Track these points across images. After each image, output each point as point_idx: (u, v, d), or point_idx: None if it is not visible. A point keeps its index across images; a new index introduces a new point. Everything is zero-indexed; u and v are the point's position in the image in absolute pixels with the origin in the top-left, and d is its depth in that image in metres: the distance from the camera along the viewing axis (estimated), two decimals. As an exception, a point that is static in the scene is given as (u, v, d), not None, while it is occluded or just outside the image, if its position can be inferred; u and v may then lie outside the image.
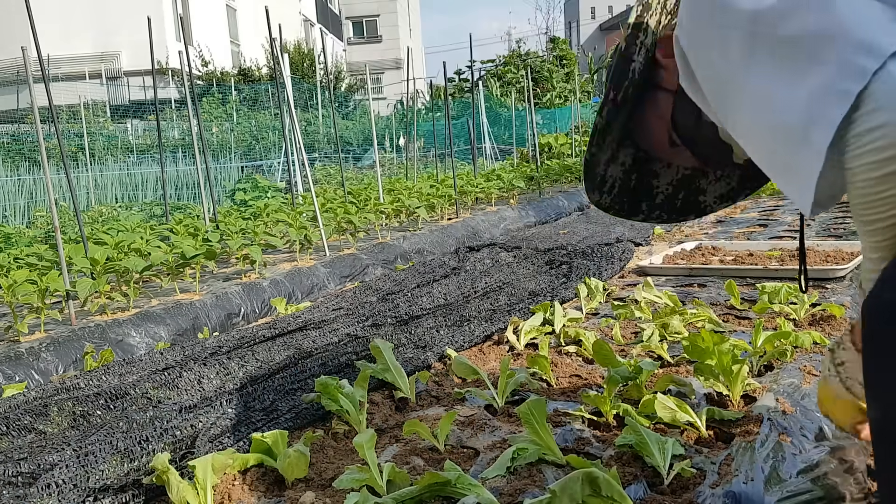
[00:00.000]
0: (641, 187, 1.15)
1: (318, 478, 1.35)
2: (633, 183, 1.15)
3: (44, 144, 3.74)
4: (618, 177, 1.12)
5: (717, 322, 2.14)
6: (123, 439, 1.42)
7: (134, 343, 3.03)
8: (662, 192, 1.18)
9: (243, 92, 16.60)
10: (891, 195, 0.71)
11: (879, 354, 0.72)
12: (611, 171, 1.11)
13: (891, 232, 0.74)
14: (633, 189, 1.15)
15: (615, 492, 1.12)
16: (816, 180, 0.74)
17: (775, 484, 1.19)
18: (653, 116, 1.07)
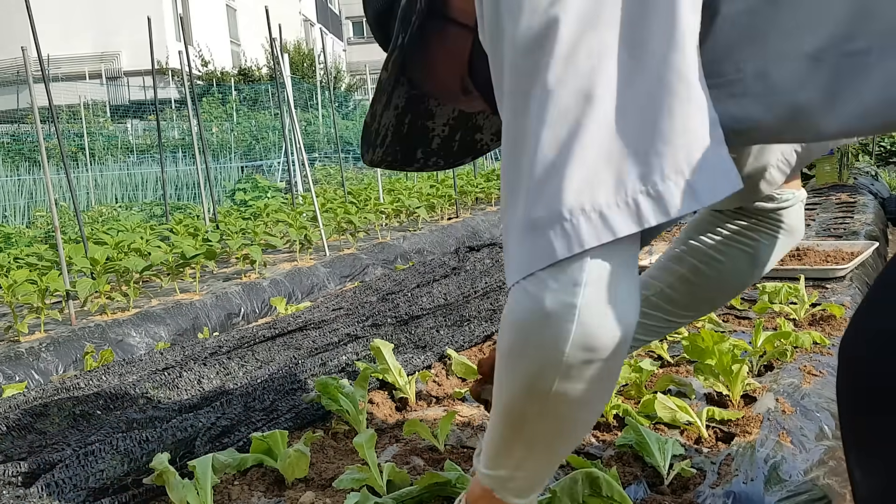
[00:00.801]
0: (415, 132, 0.98)
1: (318, 478, 1.35)
2: (406, 128, 0.96)
3: (44, 144, 3.74)
4: (390, 123, 0.94)
5: (716, 322, 2.14)
6: (123, 439, 1.42)
7: (134, 343, 3.03)
8: (438, 134, 1.01)
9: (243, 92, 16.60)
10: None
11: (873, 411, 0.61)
12: (384, 119, 0.92)
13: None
14: (405, 135, 0.97)
15: (615, 492, 1.12)
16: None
17: (775, 484, 1.19)
18: (440, 56, 0.86)
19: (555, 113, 0.62)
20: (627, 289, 0.65)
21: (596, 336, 0.63)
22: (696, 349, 1.56)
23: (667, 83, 0.61)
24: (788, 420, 1.40)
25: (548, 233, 0.62)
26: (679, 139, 0.60)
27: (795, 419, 1.41)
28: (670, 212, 0.60)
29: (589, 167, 0.61)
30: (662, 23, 0.62)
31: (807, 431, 1.37)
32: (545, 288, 0.64)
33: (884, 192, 6.00)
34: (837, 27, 0.62)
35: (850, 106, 0.63)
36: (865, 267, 2.81)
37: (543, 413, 0.69)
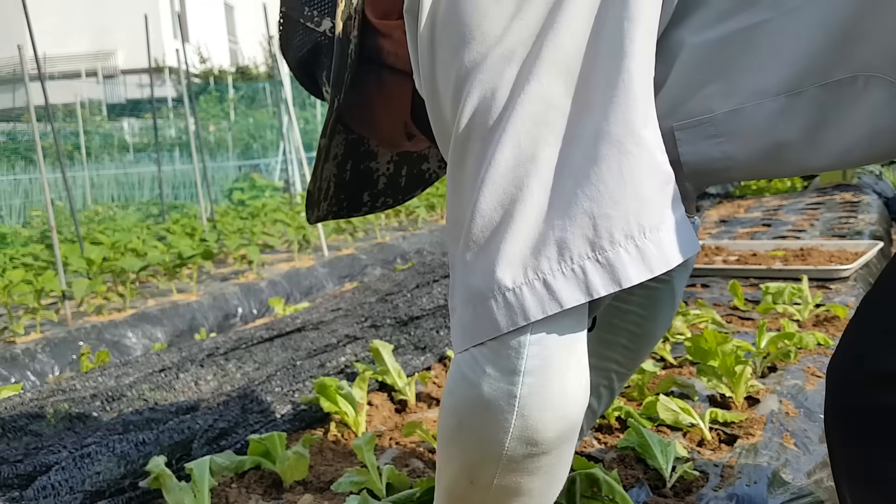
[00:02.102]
0: (359, 176, 0.92)
1: (317, 480, 1.33)
2: (349, 174, 0.90)
3: (40, 143, 3.72)
4: (332, 174, 0.87)
5: (720, 323, 2.12)
6: (120, 442, 1.40)
7: (130, 344, 3.01)
8: (383, 173, 0.94)
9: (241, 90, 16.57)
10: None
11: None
12: (325, 173, 0.86)
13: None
14: (349, 181, 0.91)
15: (617, 494, 1.11)
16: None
17: (779, 487, 1.18)
18: (380, 105, 0.80)
19: (496, 171, 0.57)
20: (575, 372, 0.59)
21: (538, 430, 0.57)
22: (699, 350, 1.55)
23: (615, 139, 0.55)
24: (792, 422, 1.39)
25: (489, 302, 0.57)
26: (628, 200, 0.55)
27: (799, 421, 1.40)
28: (622, 281, 0.55)
29: (532, 232, 0.56)
30: (610, 70, 0.56)
31: (810, 433, 1.36)
32: (482, 373, 0.58)
33: (888, 191, 6.01)
34: (816, 58, 0.57)
35: (834, 139, 0.59)
36: (869, 267, 2.81)
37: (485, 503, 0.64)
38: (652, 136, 0.57)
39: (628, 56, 0.56)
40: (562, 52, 0.57)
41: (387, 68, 0.77)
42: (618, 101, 0.55)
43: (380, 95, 0.79)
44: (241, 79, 19.26)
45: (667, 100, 0.61)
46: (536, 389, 0.57)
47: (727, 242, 3.65)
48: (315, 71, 0.81)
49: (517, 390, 0.57)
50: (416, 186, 0.99)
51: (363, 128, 0.85)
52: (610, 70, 0.56)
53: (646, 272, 0.55)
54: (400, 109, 0.80)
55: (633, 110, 0.56)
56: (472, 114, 0.59)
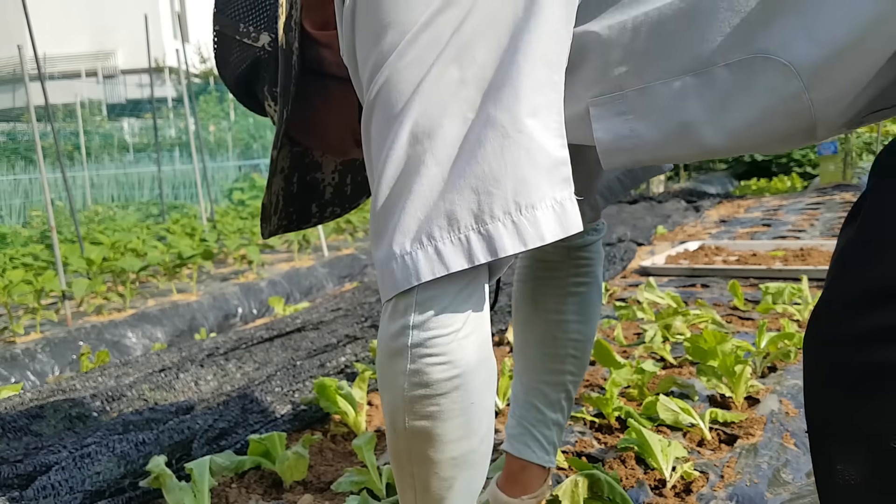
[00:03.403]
0: (305, 188, 0.95)
1: (317, 480, 1.33)
2: (296, 187, 0.93)
3: (40, 143, 3.72)
4: (279, 188, 0.90)
5: (720, 323, 2.12)
6: (120, 442, 1.40)
7: (130, 344, 3.01)
8: (329, 183, 0.98)
9: (241, 91, 16.52)
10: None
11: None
12: (274, 187, 0.89)
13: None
14: (296, 194, 0.94)
15: (617, 494, 1.11)
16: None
17: (778, 486, 1.18)
18: (326, 115, 0.83)
19: (398, 147, 0.64)
20: (463, 325, 0.65)
21: (426, 373, 0.65)
22: (698, 350, 1.55)
23: (498, 123, 0.61)
24: (792, 422, 1.39)
25: (391, 264, 0.64)
26: (508, 180, 0.61)
27: (799, 421, 1.40)
28: (498, 251, 0.61)
29: (426, 202, 0.63)
30: (503, 62, 0.62)
31: (810, 433, 1.36)
32: (386, 326, 0.66)
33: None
34: (718, 40, 0.61)
35: (733, 120, 0.63)
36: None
37: (409, 453, 0.70)
38: (537, 123, 0.63)
39: (521, 51, 0.62)
40: (462, 40, 0.63)
41: (330, 77, 0.81)
42: (507, 90, 0.62)
43: (326, 105, 0.83)
44: (240, 79, 19.21)
45: (584, 81, 0.67)
46: (422, 341, 0.64)
47: (727, 242, 3.65)
48: (255, 86, 0.85)
49: (408, 340, 0.65)
50: (362, 193, 1.03)
51: (310, 138, 0.88)
52: (504, 62, 0.62)
53: (520, 244, 0.62)
54: (347, 117, 0.83)
55: (520, 100, 0.62)
56: (380, 92, 0.65)
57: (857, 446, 0.59)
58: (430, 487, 0.72)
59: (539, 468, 1.07)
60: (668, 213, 5.47)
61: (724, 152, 0.67)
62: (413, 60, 0.63)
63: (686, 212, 5.74)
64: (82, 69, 17.85)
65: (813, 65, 0.59)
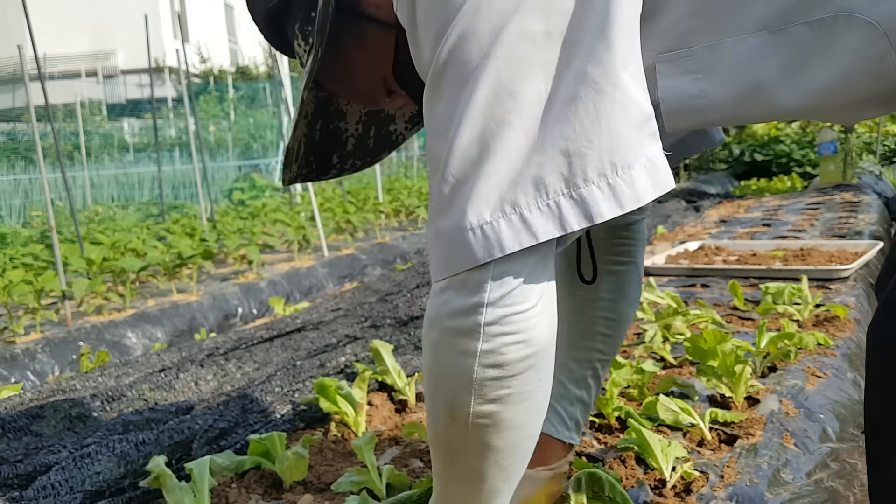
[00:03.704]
0: (328, 137, 0.90)
1: (317, 480, 1.33)
2: (319, 134, 0.88)
3: (40, 143, 3.72)
4: (302, 134, 0.85)
5: (720, 323, 2.12)
6: (120, 442, 1.40)
7: (130, 344, 3.01)
8: (352, 134, 0.93)
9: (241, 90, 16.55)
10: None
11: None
12: (298, 132, 0.84)
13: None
14: (318, 142, 0.89)
15: (617, 494, 1.11)
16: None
17: (778, 487, 1.18)
18: (359, 59, 0.77)
19: (476, 106, 0.58)
20: (538, 301, 0.61)
21: (502, 353, 0.60)
22: (698, 350, 1.55)
23: (592, 79, 0.56)
24: (792, 422, 1.39)
25: (464, 235, 0.59)
26: (602, 139, 0.56)
27: (799, 421, 1.40)
28: (594, 217, 0.57)
29: (509, 167, 0.58)
30: (594, 11, 0.57)
31: (810, 433, 1.36)
32: (452, 305, 0.61)
33: (888, 191, 6.02)
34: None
35: (810, 80, 0.59)
36: (870, 267, 2.81)
37: (468, 441, 0.65)
38: (630, 77, 0.58)
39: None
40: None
41: (367, 19, 0.75)
42: (599, 42, 0.56)
43: (360, 48, 0.76)
44: (241, 79, 19.25)
45: (653, 35, 0.62)
46: (498, 318, 0.59)
47: (727, 242, 3.65)
48: (285, 23, 0.79)
49: (481, 318, 0.60)
50: (384, 148, 0.97)
51: (339, 83, 0.82)
52: (593, 11, 0.57)
53: (617, 208, 0.57)
54: (381, 64, 0.77)
55: (614, 52, 0.56)
56: (453, 49, 0.59)
57: None
58: (486, 478, 0.67)
59: (559, 443, 1.03)
60: (668, 213, 5.47)
61: (798, 115, 0.63)
62: (490, 13, 0.58)
63: (686, 212, 5.74)
64: (82, 69, 17.85)
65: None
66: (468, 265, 0.59)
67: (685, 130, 0.83)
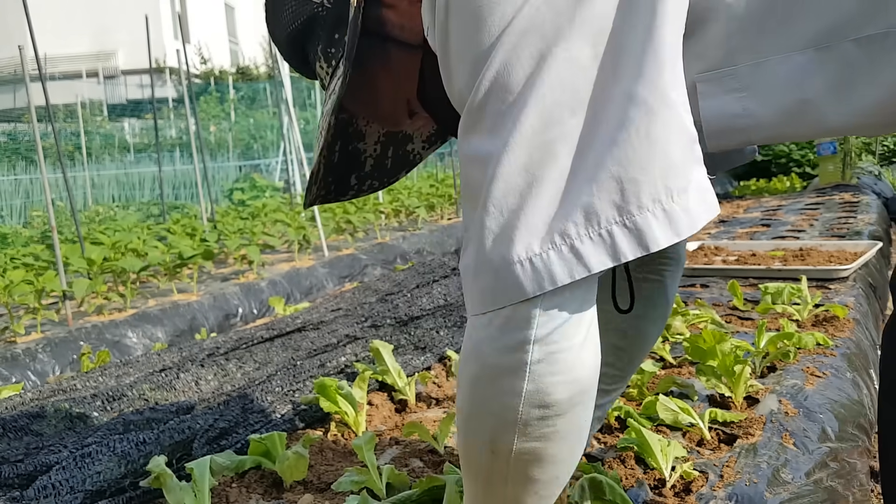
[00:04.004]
0: (347, 158, 0.90)
1: (317, 480, 1.33)
2: (338, 156, 0.88)
3: (40, 144, 3.73)
4: (322, 156, 0.84)
5: (719, 323, 2.12)
6: (120, 441, 1.40)
7: (131, 344, 3.01)
8: (370, 154, 0.92)
9: (241, 91, 16.55)
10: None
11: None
12: (320, 154, 0.84)
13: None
14: (337, 164, 0.88)
15: (617, 494, 1.11)
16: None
17: (778, 486, 1.18)
18: (383, 81, 0.76)
19: (521, 135, 0.56)
20: (583, 338, 0.59)
21: (549, 393, 0.58)
22: (697, 350, 1.55)
23: (642, 101, 0.54)
24: (791, 422, 1.39)
25: (513, 267, 0.56)
26: (656, 164, 0.54)
27: (798, 421, 1.40)
28: (649, 245, 0.54)
29: (558, 196, 0.55)
30: (640, 31, 0.55)
31: (810, 433, 1.36)
32: (495, 341, 0.59)
33: (887, 191, 6.02)
34: (848, 12, 0.56)
35: (859, 98, 0.58)
36: (869, 267, 2.81)
37: (509, 474, 0.64)
38: (679, 97, 0.56)
39: (659, 17, 0.55)
40: (591, 14, 0.56)
41: (392, 41, 0.74)
42: (647, 64, 0.55)
43: (384, 70, 0.76)
44: (241, 79, 19.25)
45: (694, 54, 0.60)
46: (546, 356, 0.57)
47: (726, 242, 3.65)
48: (307, 46, 0.79)
49: (528, 357, 0.57)
50: (402, 168, 0.96)
51: (362, 105, 0.81)
52: (639, 32, 0.55)
53: (673, 236, 0.55)
54: (405, 86, 0.77)
55: (662, 73, 0.55)
56: (496, 77, 0.57)
57: None
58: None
59: None
60: (669, 214, 5.46)
61: (846, 131, 0.62)
62: (533, 40, 0.55)
63: (686, 212, 5.73)
64: (83, 69, 17.85)
65: None
66: (516, 299, 0.57)
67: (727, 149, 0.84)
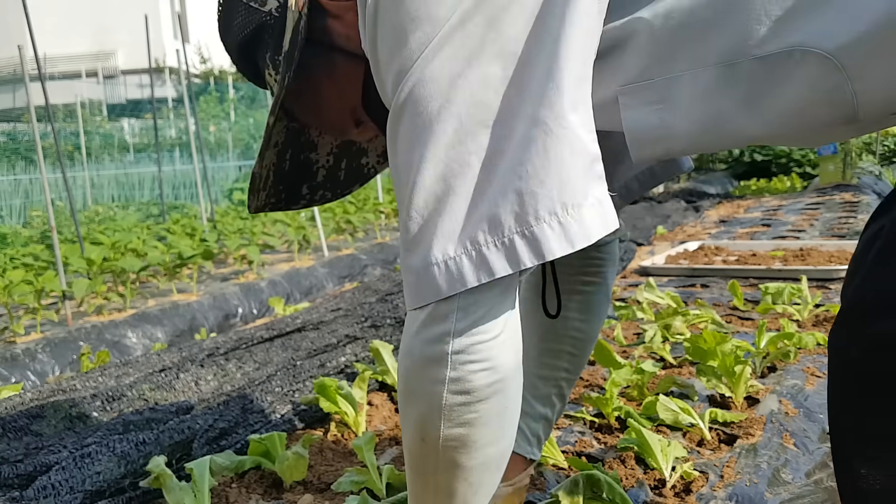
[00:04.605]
0: (298, 167, 0.90)
1: (317, 480, 1.33)
2: (288, 164, 0.89)
3: (40, 143, 3.73)
4: (271, 162, 0.85)
5: (719, 323, 2.13)
6: (120, 441, 1.40)
7: (130, 344, 3.01)
8: (323, 165, 0.94)
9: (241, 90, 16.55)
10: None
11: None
12: (266, 160, 0.84)
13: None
14: (287, 172, 0.89)
15: (617, 494, 1.11)
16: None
17: (778, 486, 1.18)
18: (328, 90, 0.79)
19: (437, 147, 0.61)
20: (503, 329, 0.64)
21: (469, 380, 0.63)
22: (698, 350, 1.56)
23: (541, 120, 0.59)
24: (791, 422, 1.39)
25: (431, 270, 0.62)
26: (553, 179, 0.58)
27: (798, 421, 1.40)
28: (545, 254, 0.59)
29: (469, 205, 0.60)
30: (544, 58, 0.60)
31: (810, 433, 1.36)
32: (421, 334, 0.64)
33: (887, 191, 6.01)
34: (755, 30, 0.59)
35: (769, 109, 0.60)
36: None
37: (438, 462, 0.68)
38: (578, 119, 0.60)
39: (563, 44, 0.59)
40: (502, 38, 0.60)
41: (337, 51, 0.76)
42: (549, 86, 0.59)
43: (329, 79, 0.78)
44: (241, 79, 19.24)
45: (615, 69, 0.64)
46: (465, 347, 0.63)
47: (727, 242, 3.65)
48: (256, 53, 0.81)
49: (448, 348, 0.63)
50: (355, 181, 0.99)
51: (308, 114, 0.84)
52: (543, 59, 0.59)
53: (567, 246, 0.59)
54: (350, 95, 0.79)
55: (562, 95, 0.59)
56: (413, 91, 0.61)
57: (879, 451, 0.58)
58: (457, 494, 0.71)
59: (520, 458, 1.07)
60: (668, 214, 5.47)
61: (765, 140, 0.64)
62: (449, 58, 0.60)
63: (686, 212, 5.74)
64: (83, 69, 17.84)
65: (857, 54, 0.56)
66: (435, 297, 0.62)
67: (652, 160, 0.86)
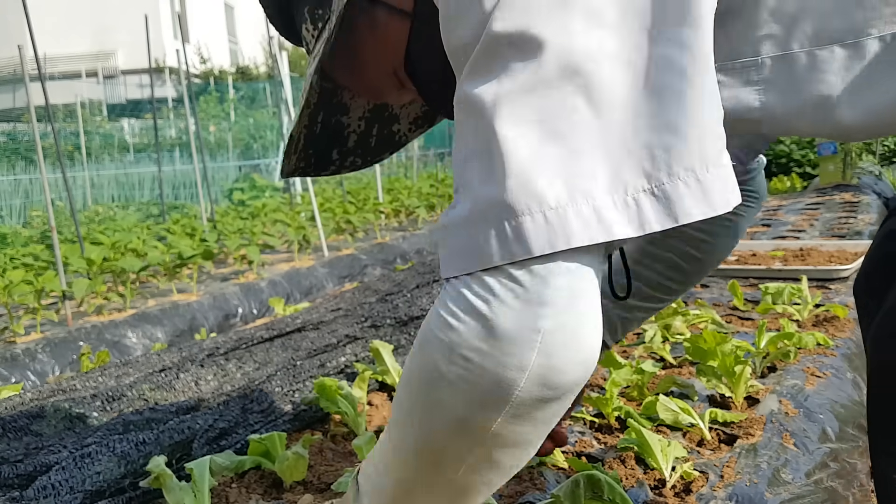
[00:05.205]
0: (329, 131, 0.84)
1: (317, 480, 1.33)
2: (319, 127, 0.82)
3: (40, 143, 3.73)
4: (303, 125, 0.79)
5: (719, 323, 2.12)
6: (120, 441, 1.40)
7: (130, 344, 3.01)
8: (354, 130, 0.87)
9: (241, 90, 16.55)
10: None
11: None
12: (300, 121, 0.79)
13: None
14: (319, 136, 0.83)
15: (617, 494, 1.11)
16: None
17: (778, 486, 1.18)
18: (369, 48, 0.71)
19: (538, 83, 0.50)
20: (597, 312, 0.52)
21: (560, 371, 0.50)
22: (698, 350, 1.55)
23: (678, 65, 0.49)
24: (791, 422, 1.39)
25: (522, 218, 0.48)
26: (692, 132, 0.49)
27: (798, 421, 1.40)
28: (678, 217, 0.49)
29: (581, 153, 0.49)
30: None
31: (810, 433, 1.36)
32: (500, 302, 0.49)
33: (887, 191, 6.02)
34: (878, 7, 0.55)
35: (876, 95, 0.56)
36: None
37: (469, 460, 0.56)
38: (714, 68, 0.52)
39: None
40: None
41: (381, 6, 0.69)
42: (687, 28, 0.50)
43: (372, 36, 0.71)
44: (241, 79, 19.25)
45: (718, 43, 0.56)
46: (562, 325, 0.49)
47: (727, 242, 3.64)
48: (293, 7, 0.75)
49: (543, 324, 0.49)
50: (386, 148, 0.91)
51: (347, 73, 0.76)
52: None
53: (707, 208, 0.49)
54: (392, 55, 0.71)
55: (704, 40, 0.50)
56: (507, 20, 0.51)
57: None
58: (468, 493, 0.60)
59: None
60: (668, 214, 5.46)
61: (858, 132, 0.59)
62: None
63: (686, 212, 5.73)
64: (83, 69, 17.85)
65: None
66: (520, 255, 0.48)
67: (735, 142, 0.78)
